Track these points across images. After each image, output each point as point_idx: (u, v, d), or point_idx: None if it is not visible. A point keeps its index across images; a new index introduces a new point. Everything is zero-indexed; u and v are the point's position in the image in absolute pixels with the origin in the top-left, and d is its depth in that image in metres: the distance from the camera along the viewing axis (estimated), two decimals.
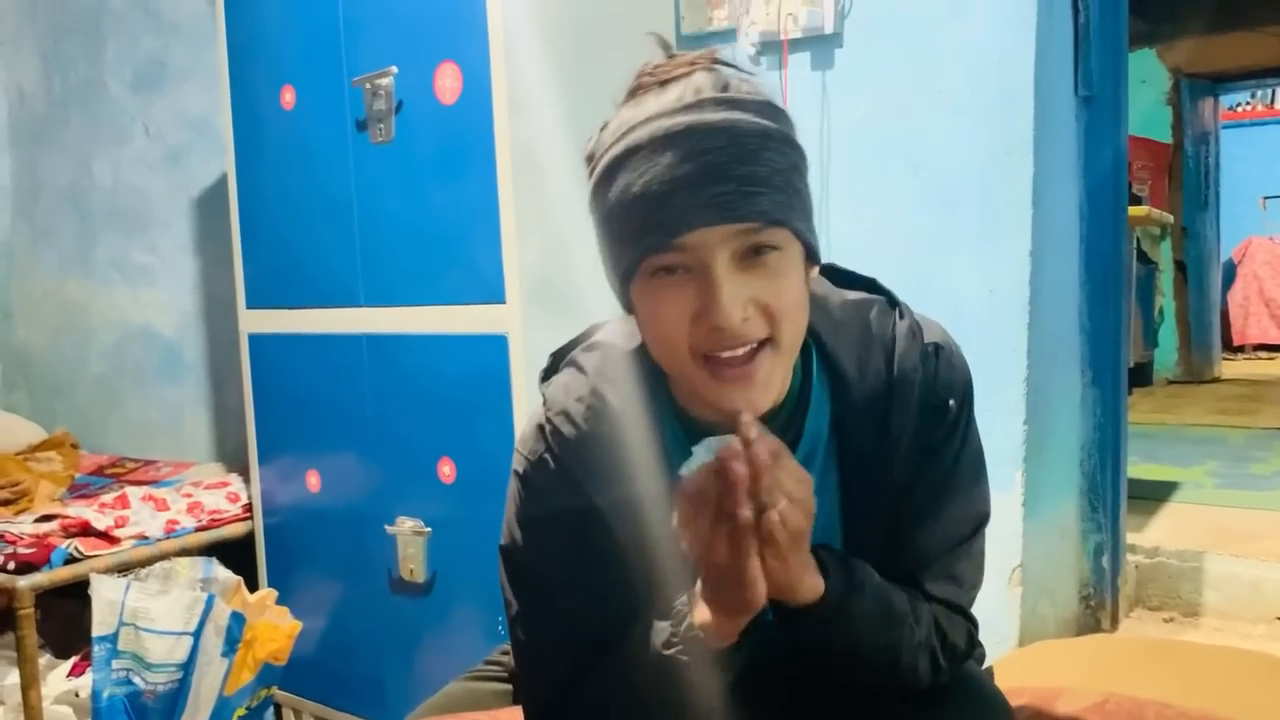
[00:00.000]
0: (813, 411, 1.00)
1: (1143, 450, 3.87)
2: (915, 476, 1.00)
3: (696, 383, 0.90)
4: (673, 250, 0.86)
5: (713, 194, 0.84)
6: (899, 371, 0.98)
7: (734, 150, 0.85)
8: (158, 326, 3.15)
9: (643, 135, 0.87)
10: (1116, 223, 2.25)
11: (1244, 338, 8.41)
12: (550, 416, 1.01)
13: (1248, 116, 8.64)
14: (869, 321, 1.01)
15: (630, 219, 0.87)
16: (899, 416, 0.98)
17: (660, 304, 0.89)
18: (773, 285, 0.87)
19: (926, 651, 0.99)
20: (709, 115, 0.86)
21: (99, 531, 2.23)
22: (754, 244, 0.87)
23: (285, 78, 2.14)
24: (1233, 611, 2.45)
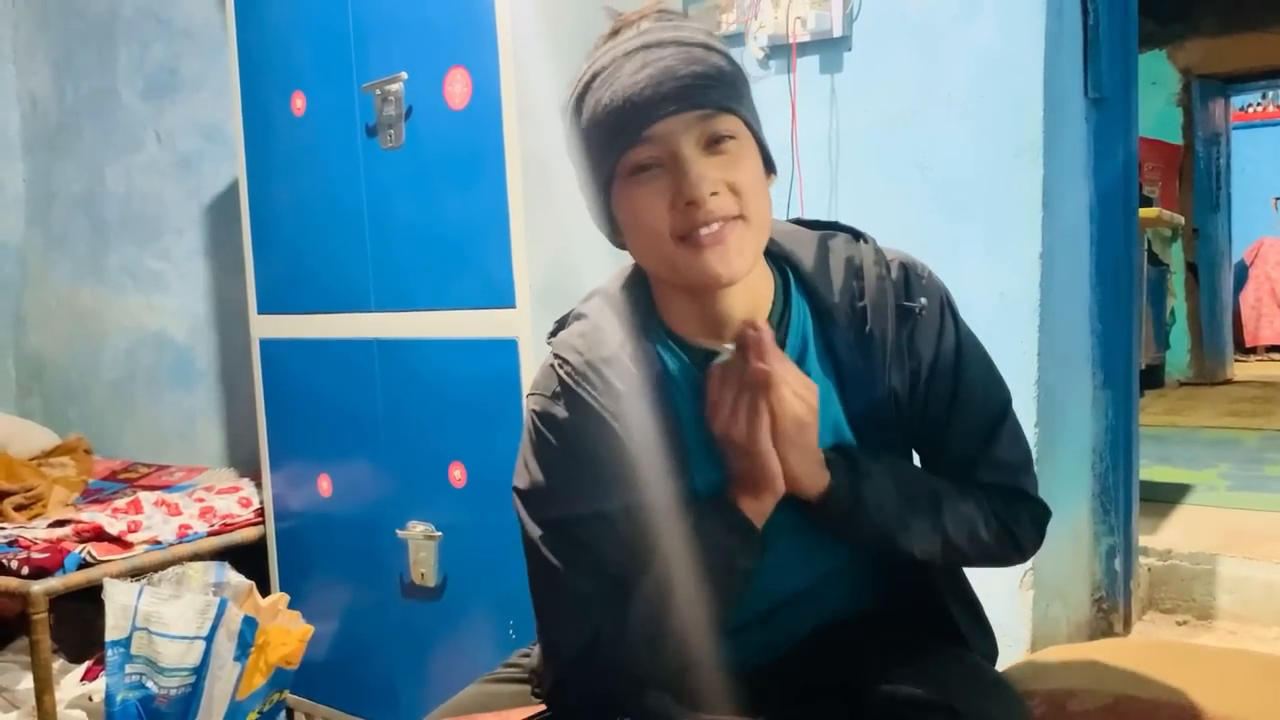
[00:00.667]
0: (794, 320, 1.10)
1: (1155, 452, 3.85)
2: (917, 379, 1.11)
3: (679, 262, 1.00)
4: (644, 143, 0.98)
5: (670, 88, 0.96)
6: (867, 282, 1.09)
7: (682, 54, 0.97)
8: (170, 332, 3.17)
9: (603, 59, 1.00)
10: (1127, 224, 2.24)
11: (1256, 339, 8.37)
12: (557, 353, 1.10)
13: (1259, 117, 8.60)
14: (838, 247, 1.12)
15: (603, 128, 0.99)
16: (875, 320, 1.08)
17: (640, 198, 1.00)
18: (735, 166, 0.99)
19: (983, 523, 1.11)
20: (657, 34, 0.99)
21: (112, 536, 2.24)
22: (713, 132, 0.98)
23: (296, 84, 2.15)
24: (1246, 614, 2.44)
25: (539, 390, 1.11)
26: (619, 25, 1.03)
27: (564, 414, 1.07)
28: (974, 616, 1.21)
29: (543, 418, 1.10)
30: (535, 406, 1.11)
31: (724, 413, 1.01)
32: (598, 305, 1.12)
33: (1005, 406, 1.16)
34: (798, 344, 1.10)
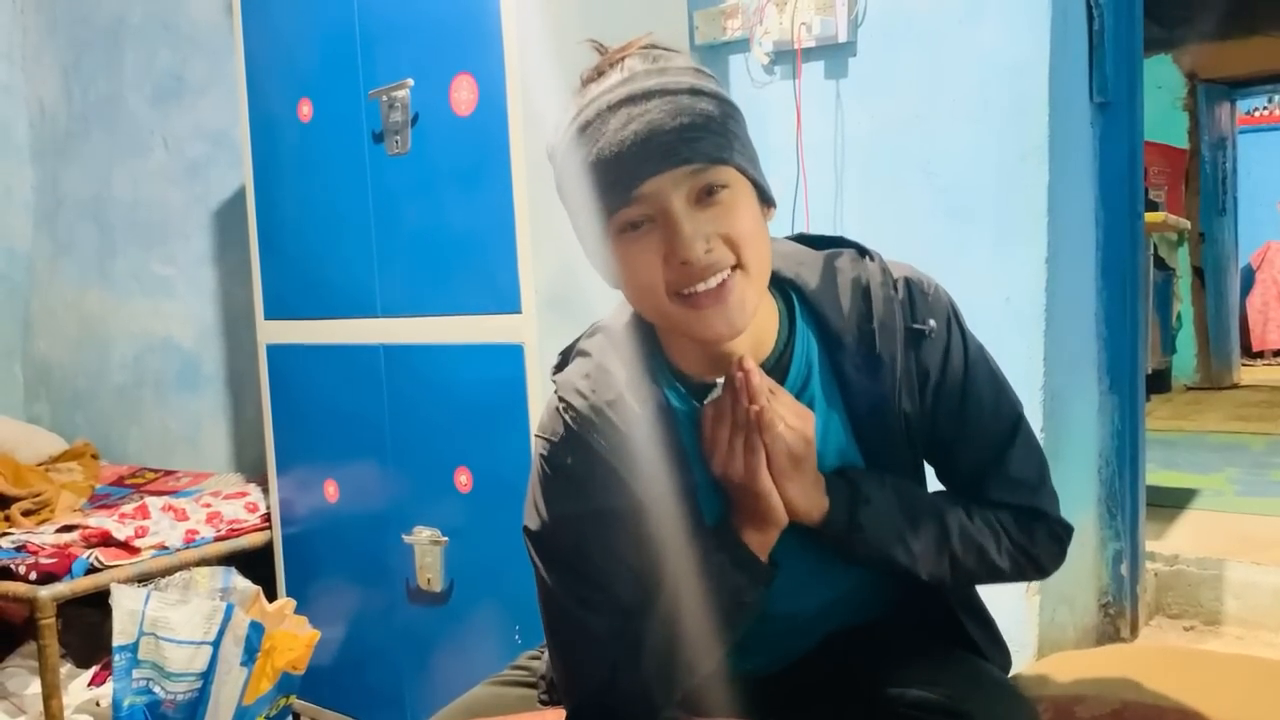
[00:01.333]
0: (799, 347, 1.08)
1: (1161, 457, 3.84)
2: (928, 399, 1.09)
3: (677, 320, 0.99)
4: (634, 203, 0.95)
5: (657, 145, 0.93)
6: (875, 303, 1.07)
7: (669, 106, 0.94)
8: (177, 338, 3.18)
9: (589, 112, 0.97)
10: (1133, 229, 2.24)
11: (1263, 343, 8.34)
12: (562, 396, 1.08)
13: (1265, 121, 8.59)
14: (843, 266, 1.10)
15: (591, 185, 0.96)
16: (884, 342, 1.06)
17: (633, 256, 0.97)
18: (728, 217, 0.96)
19: (994, 544, 1.10)
20: (642, 83, 0.95)
21: (119, 542, 2.25)
22: (704, 184, 0.95)
23: (302, 90, 2.15)
24: (1254, 620, 2.43)
25: (545, 433, 1.10)
26: (603, 65, 1.00)
27: (569, 458, 1.06)
28: (985, 628, 1.21)
29: (550, 460, 1.08)
30: (542, 450, 1.10)
31: (720, 451, 1.01)
32: (600, 344, 1.10)
33: (1017, 421, 1.14)
34: (802, 371, 1.08)
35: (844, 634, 1.18)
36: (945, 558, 1.08)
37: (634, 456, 1.04)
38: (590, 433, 1.05)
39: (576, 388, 1.07)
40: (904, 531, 1.06)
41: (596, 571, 1.06)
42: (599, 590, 1.07)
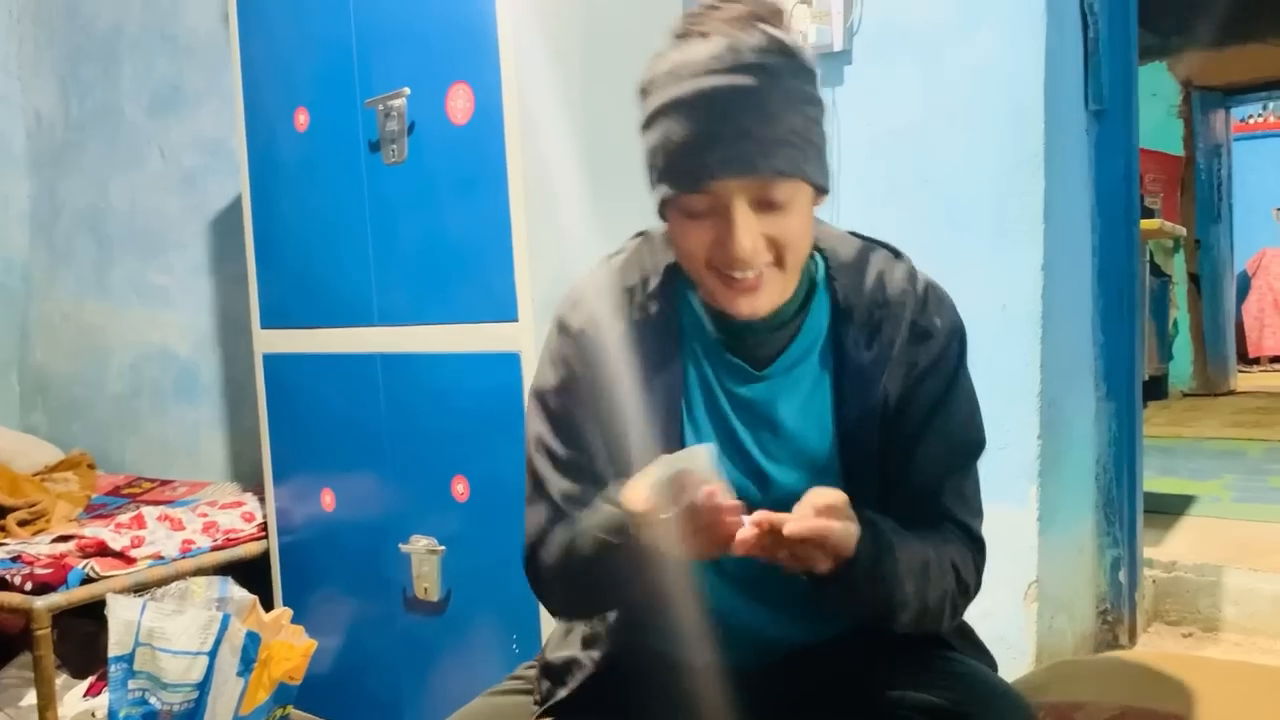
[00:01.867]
0: (812, 314, 1.14)
1: (1159, 464, 3.84)
2: (910, 397, 1.12)
3: (709, 286, 1.06)
4: (699, 194, 1.00)
5: (736, 151, 0.97)
6: (891, 295, 1.12)
7: (757, 113, 0.97)
8: (174, 347, 3.17)
9: (685, 91, 0.99)
10: (1129, 236, 2.24)
11: (1259, 350, 8.35)
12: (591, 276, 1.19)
13: (1259, 128, 8.61)
14: (874, 258, 1.16)
15: (668, 161, 1.01)
16: (888, 330, 1.11)
17: (686, 232, 1.04)
18: (781, 223, 1.02)
19: (949, 598, 1.09)
20: (740, 79, 0.98)
21: (115, 552, 2.24)
22: (770, 195, 1.00)
23: (299, 100, 2.15)
24: (1253, 626, 2.43)
25: (566, 301, 1.19)
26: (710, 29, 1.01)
27: (584, 325, 1.15)
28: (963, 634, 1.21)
29: (562, 326, 1.17)
30: (561, 314, 1.18)
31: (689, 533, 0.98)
32: (639, 246, 1.20)
33: (977, 449, 1.17)
34: (809, 337, 1.13)
35: (839, 637, 1.17)
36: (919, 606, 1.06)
37: (634, 343, 1.13)
38: (606, 307, 1.14)
39: (607, 270, 1.17)
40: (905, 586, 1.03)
41: (575, 433, 1.15)
42: (572, 449, 1.15)
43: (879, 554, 1.00)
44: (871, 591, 1.01)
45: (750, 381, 1.13)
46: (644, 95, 1.06)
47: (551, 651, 1.25)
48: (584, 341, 1.15)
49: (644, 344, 1.13)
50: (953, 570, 1.10)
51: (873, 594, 1.01)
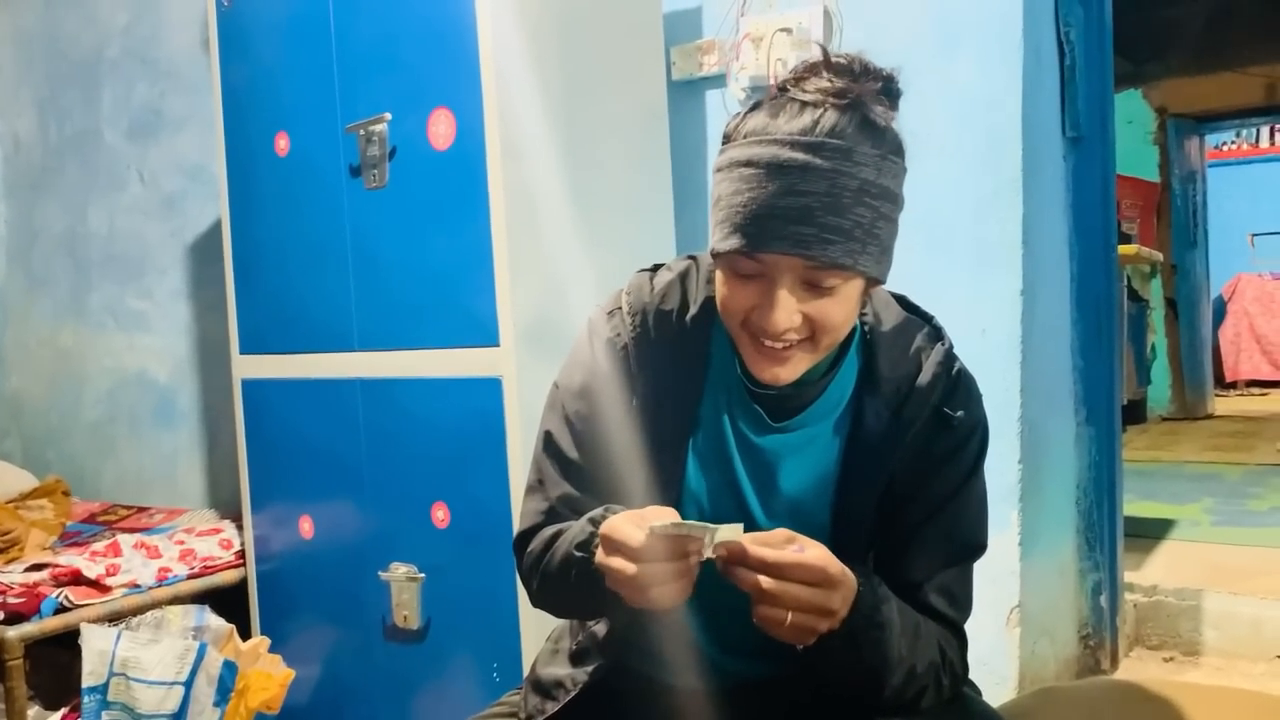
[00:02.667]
0: (839, 378, 1.12)
1: (1138, 488, 3.87)
2: (920, 486, 1.10)
3: (739, 342, 1.06)
4: (750, 260, 0.99)
5: (796, 231, 0.96)
6: (923, 378, 1.10)
7: (828, 200, 0.96)
8: (152, 373, 3.15)
9: (764, 155, 0.98)
10: (1107, 261, 2.26)
11: (1236, 374, 8.43)
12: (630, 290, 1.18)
13: (1233, 155, 8.73)
14: (914, 334, 1.14)
15: (729, 216, 1.00)
16: (910, 411, 1.10)
17: (730, 289, 1.04)
18: (824, 307, 1.01)
19: (934, 670, 1.06)
20: (819, 161, 0.96)
21: (90, 580, 2.21)
22: (818, 279, 0.99)
23: (280, 124, 2.15)
24: (1233, 650, 2.44)
25: (605, 308, 1.18)
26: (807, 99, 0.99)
27: (628, 344, 1.15)
28: None
29: (594, 330, 1.17)
30: (595, 318, 1.18)
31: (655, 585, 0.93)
32: (687, 267, 1.18)
33: (977, 552, 1.15)
34: (833, 400, 1.12)
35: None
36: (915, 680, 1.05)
37: (661, 367, 1.13)
38: (646, 332, 1.14)
39: (646, 287, 1.17)
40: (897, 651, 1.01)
41: (586, 439, 1.15)
42: (580, 454, 1.15)
43: (877, 603, 0.99)
44: (870, 641, 0.98)
45: (765, 432, 1.12)
46: (725, 140, 1.05)
47: (541, 668, 1.25)
48: (613, 352, 1.15)
49: (670, 370, 1.13)
50: (938, 645, 1.08)
51: (871, 644, 0.99)
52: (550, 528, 1.14)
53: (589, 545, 1.01)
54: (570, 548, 1.05)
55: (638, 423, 1.13)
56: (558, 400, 1.19)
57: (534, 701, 1.22)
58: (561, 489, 1.16)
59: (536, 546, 1.14)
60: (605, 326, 1.16)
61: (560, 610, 1.20)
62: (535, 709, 1.21)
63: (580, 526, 1.05)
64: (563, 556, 1.07)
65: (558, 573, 1.08)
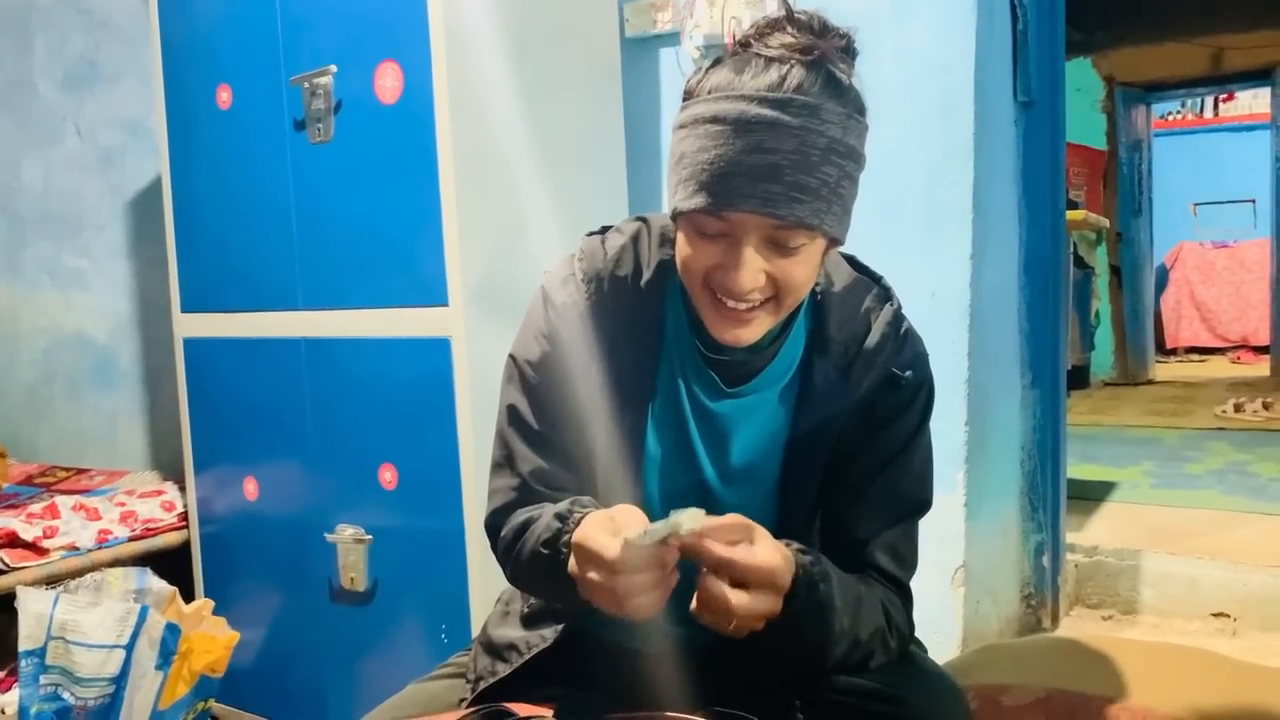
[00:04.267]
0: (790, 341, 1.12)
1: (1080, 451, 3.93)
2: (867, 444, 1.11)
3: (699, 302, 1.05)
4: (715, 218, 0.98)
5: (765, 189, 0.95)
6: (871, 338, 1.11)
7: (796, 158, 0.95)
8: (90, 332, 3.08)
9: (730, 110, 0.96)
10: (1055, 226, 2.28)
11: (1176, 341, 8.61)
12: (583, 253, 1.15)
13: (1178, 125, 8.86)
14: (863, 295, 1.14)
15: (692, 173, 0.98)
16: (858, 372, 1.10)
17: (692, 249, 1.02)
18: (788, 267, 1.00)
19: (879, 635, 1.07)
20: (787, 118, 0.95)
21: (26, 542, 2.16)
22: (783, 239, 0.98)
23: (221, 77, 2.09)
24: (1169, 608, 2.50)
25: (557, 274, 1.15)
26: (773, 55, 0.97)
27: (565, 305, 1.13)
28: None
29: (547, 298, 1.15)
30: (548, 285, 1.15)
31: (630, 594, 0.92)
32: (639, 230, 1.16)
33: (922, 509, 1.17)
34: (782, 367, 1.12)
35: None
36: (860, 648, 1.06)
37: (616, 334, 1.11)
38: (601, 298, 1.12)
39: (598, 251, 1.14)
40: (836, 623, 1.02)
41: (550, 408, 1.13)
42: (545, 425, 1.13)
43: (816, 582, 0.99)
44: (811, 620, 0.99)
45: (719, 397, 1.12)
46: (687, 96, 1.03)
47: (493, 629, 1.24)
48: (568, 320, 1.13)
49: (625, 337, 1.12)
50: (882, 609, 1.09)
51: (813, 624, 0.99)
52: (521, 513, 1.12)
53: (556, 543, 1.00)
54: (537, 545, 1.04)
55: (598, 390, 1.12)
56: (515, 372, 1.17)
57: (484, 663, 1.21)
58: (531, 463, 1.14)
59: (508, 535, 1.12)
60: (560, 293, 1.14)
61: (538, 597, 1.19)
62: (486, 670, 1.20)
63: (546, 523, 1.04)
64: (530, 552, 1.06)
65: (528, 566, 1.08)
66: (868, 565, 1.12)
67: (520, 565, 1.10)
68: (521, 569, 1.10)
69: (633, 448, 1.12)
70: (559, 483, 1.13)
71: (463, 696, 1.21)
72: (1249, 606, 2.41)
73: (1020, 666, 1.37)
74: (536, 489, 1.13)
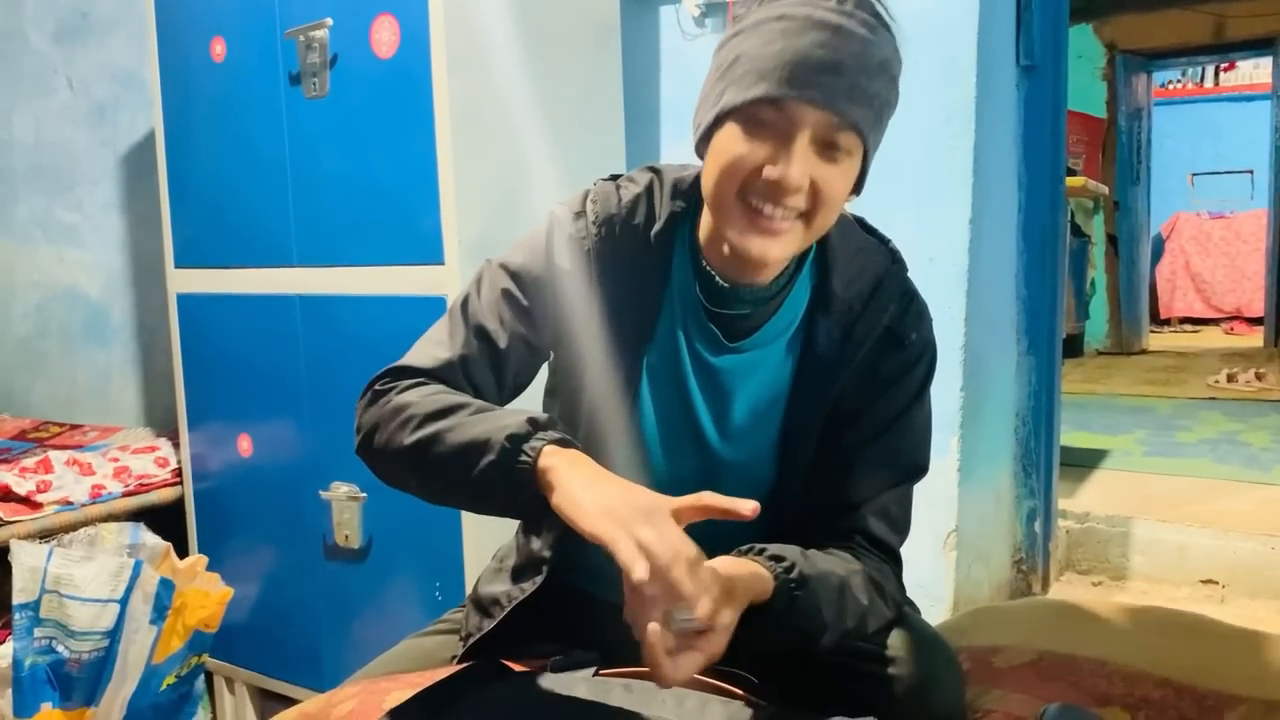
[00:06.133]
0: (793, 296, 1.12)
1: (1073, 419, 3.95)
2: (866, 405, 1.11)
3: (728, 216, 1.02)
4: (776, 106, 0.97)
5: (829, 82, 0.95)
6: (877, 298, 1.11)
7: (862, 62, 0.96)
8: (83, 287, 3.06)
9: (801, 11, 0.97)
10: (1054, 192, 2.27)
11: (1170, 311, 8.63)
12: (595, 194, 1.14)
13: (1178, 94, 8.82)
14: (873, 256, 1.14)
15: (755, 67, 0.97)
16: (861, 330, 1.10)
17: (741, 145, 0.99)
18: (830, 174, 0.99)
19: (863, 615, 1.05)
20: (854, 25, 0.96)
21: (20, 496, 2.16)
22: (835, 140, 0.98)
23: (215, 29, 2.06)
24: (1159, 575, 2.52)
25: (570, 207, 1.13)
26: None
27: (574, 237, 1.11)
28: None
29: (558, 222, 1.13)
30: (560, 213, 1.13)
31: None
32: (650, 180, 1.15)
33: (918, 473, 1.16)
34: (784, 322, 1.12)
35: None
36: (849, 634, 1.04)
37: (621, 279, 1.10)
38: (611, 241, 1.10)
39: (610, 194, 1.13)
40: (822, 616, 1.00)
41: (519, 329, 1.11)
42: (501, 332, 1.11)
43: (793, 596, 0.96)
44: (790, 626, 0.97)
45: (720, 352, 1.12)
46: (737, 21, 1.03)
47: (483, 586, 1.24)
48: (576, 252, 1.11)
49: (630, 281, 1.11)
50: (871, 586, 1.06)
51: (791, 630, 0.98)
52: (449, 390, 1.06)
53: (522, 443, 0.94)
54: (502, 438, 0.94)
55: (595, 326, 1.11)
56: (487, 273, 1.15)
57: (474, 620, 1.22)
58: (470, 349, 1.10)
59: (423, 401, 1.03)
60: (570, 226, 1.12)
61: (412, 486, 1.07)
62: (475, 627, 1.21)
63: (517, 420, 0.96)
64: (468, 443, 0.96)
65: (452, 452, 0.98)
66: (859, 530, 1.11)
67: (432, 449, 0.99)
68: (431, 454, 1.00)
69: (627, 391, 1.11)
70: (482, 386, 1.10)
71: (454, 653, 1.21)
72: (1237, 574, 2.43)
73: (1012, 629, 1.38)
74: (456, 379, 1.09)
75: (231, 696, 2.33)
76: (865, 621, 1.05)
